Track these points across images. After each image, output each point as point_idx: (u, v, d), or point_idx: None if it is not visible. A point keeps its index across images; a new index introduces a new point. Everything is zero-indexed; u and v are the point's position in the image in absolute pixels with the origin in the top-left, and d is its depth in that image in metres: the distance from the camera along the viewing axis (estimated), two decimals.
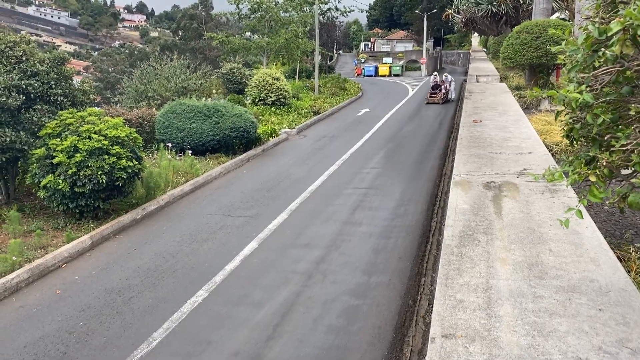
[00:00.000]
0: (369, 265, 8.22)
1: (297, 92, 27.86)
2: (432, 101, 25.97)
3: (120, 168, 9.70)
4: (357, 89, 33.71)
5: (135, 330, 6.57)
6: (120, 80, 33.59)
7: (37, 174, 9.66)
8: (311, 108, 24.18)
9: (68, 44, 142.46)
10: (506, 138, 11.20)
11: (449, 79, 27.11)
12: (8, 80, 9.69)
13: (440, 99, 25.97)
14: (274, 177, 13.62)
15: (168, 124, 15.13)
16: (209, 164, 14.51)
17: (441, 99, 25.97)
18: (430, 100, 26.06)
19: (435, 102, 25.87)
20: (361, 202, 11.26)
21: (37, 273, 8.15)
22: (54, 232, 9.61)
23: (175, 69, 23.05)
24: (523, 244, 5.62)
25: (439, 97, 26.01)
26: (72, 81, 11.51)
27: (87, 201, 9.61)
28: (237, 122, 15.48)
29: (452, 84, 27.08)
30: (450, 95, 26.71)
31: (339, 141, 18.15)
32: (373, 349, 6.02)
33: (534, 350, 3.74)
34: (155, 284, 7.83)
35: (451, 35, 77.67)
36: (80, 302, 7.33)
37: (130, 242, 9.59)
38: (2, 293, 7.53)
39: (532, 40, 19.69)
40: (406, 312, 6.86)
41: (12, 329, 6.70)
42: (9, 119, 9.78)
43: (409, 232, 9.53)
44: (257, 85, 23.36)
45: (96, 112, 10.63)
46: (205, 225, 10.19)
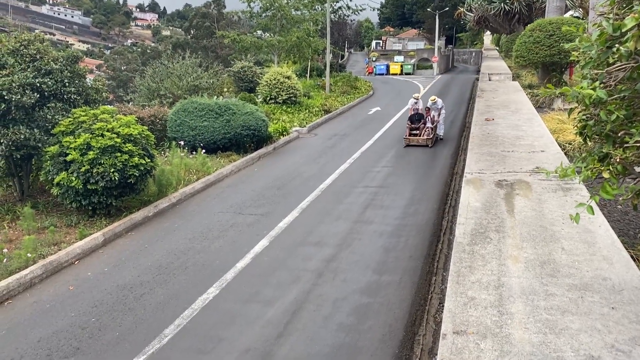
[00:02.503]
0: (379, 263, 8.21)
1: (308, 90, 27.87)
2: (414, 142, 16.48)
3: (133, 165, 9.77)
4: (368, 87, 33.65)
5: (146, 326, 6.62)
6: (132, 79, 33.85)
7: (51, 171, 9.76)
8: (322, 106, 24.17)
9: (81, 42, 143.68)
10: (518, 136, 11.13)
11: (439, 105, 17.15)
12: (23, 78, 9.80)
13: (426, 139, 16.35)
14: (284, 175, 13.64)
15: (180, 122, 15.21)
16: (220, 162, 14.57)
17: (428, 138, 16.33)
18: (411, 140, 16.51)
19: (419, 143, 16.41)
20: (372, 201, 11.24)
21: (50, 269, 8.24)
22: (67, 228, 9.71)
23: (187, 67, 23.15)
24: (535, 242, 5.58)
25: (425, 137, 16.46)
26: (85, 79, 11.61)
27: (99, 198, 9.70)
28: (248, 121, 15.52)
29: (443, 112, 17.28)
30: (440, 130, 17.20)
31: (349, 140, 18.13)
32: (384, 347, 6.01)
33: (545, 347, 3.72)
34: (166, 280, 7.88)
35: (463, 34, 77.26)
36: (93, 298, 7.40)
37: (142, 239, 9.66)
38: (16, 289, 7.62)
39: (545, 38, 19.52)
40: (417, 310, 6.84)
41: (26, 324, 6.79)
42: (23, 117, 9.89)
43: (420, 230, 9.50)
44: (268, 84, 23.40)
45: (109, 110, 10.71)
46: (216, 223, 10.24)
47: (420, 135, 16.45)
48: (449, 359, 3.67)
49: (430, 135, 16.37)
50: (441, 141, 17.13)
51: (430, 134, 16.39)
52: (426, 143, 16.16)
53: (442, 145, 16.66)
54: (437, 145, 16.62)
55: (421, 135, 16.43)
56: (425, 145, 16.10)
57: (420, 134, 16.53)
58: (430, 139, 16.29)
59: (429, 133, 16.43)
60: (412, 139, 16.38)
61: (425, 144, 16.18)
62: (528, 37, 20.27)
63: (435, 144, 16.75)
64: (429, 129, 16.56)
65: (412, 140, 16.37)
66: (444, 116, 17.24)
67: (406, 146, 16.23)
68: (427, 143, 16.15)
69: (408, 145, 16.29)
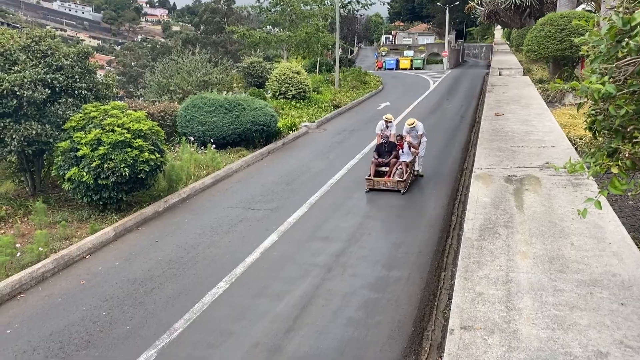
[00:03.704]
0: (389, 259, 8.22)
1: (317, 85, 27.84)
2: (380, 185, 11.48)
3: (143, 161, 9.83)
4: (378, 82, 33.56)
5: (157, 320, 6.69)
6: (142, 74, 33.98)
7: (62, 167, 9.85)
8: (331, 102, 24.15)
9: (92, 38, 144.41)
10: (528, 131, 11.07)
11: (418, 131, 12.39)
12: (34, 74, 9.88)
13: (397, 180, 11.35)
14: (294, 171, 13.67)
15: (189, 117, 15.28)
16: (230, 157, 14.62)
17: (400, 181, 11.33)
18: (377, 182, 11.51)
19: (387, 187, 11.43)
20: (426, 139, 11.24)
21: (62, 263, 8.33)
22: (79, 223, 9.80)
23: (197, 63, 23.21)
24: (544, 238, 5.56)
25: (396, 177, 11.53)
26: (96, 75, 11.69)
27: (110, 193, 9.78)
28: (257, 116, 15.55)
29: (424, 141, 12.55)
30: (418, 165, 12.44)
31: (359, 135, 18.10)
32: (392, 342, 6.03)
33: (553, 343, 3.72)
34: (176, 275, 7.94)
35: (473, 28, 76.73)
36: (104, 292, 7.48)
37: (152, 233, 9.73)
38: (28, 282, 7.72)
39: (556, 32, 19.36)
40: (426, 306, 6.85)
41: (38, 318, 6.88)
42: (35, 112, 9.98)
43: (429, 226, 9.49)
44: (278, 79, 23.41)
45: (119, 105, 10.77)
46: (226, 218, 10.29)
47: (390, 175, 11.56)
48: (456, 354, 3.68)
49: (403, 175, 11.32)
50: (453, 136, 16.98)
51: (404, 173, 11.40)
52: (397, 187, 11.20)
53: (452, 139, 16.54)
54: (448, 139, 16.48)
55: (391, 175, 11.56)
56: (397, 189, 11.21)
57: (390, 172, 11.64)
58: (404, 180, 11.19)
59: (403, 172, 11.43)
60: (377, 181, 11.41)
61: (395, 187, 11.21)
62: (539, 31, 20.11)
63: (450, 138, 16.55)
64: (403, 165, 11.50)
65: (378, 182, 11.40)
66: (424, 146, 12.50)
67: (369, 191, 11.41)
68: (398, 187, 11.19)
69: (372, 189, 11.39)
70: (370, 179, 11.57)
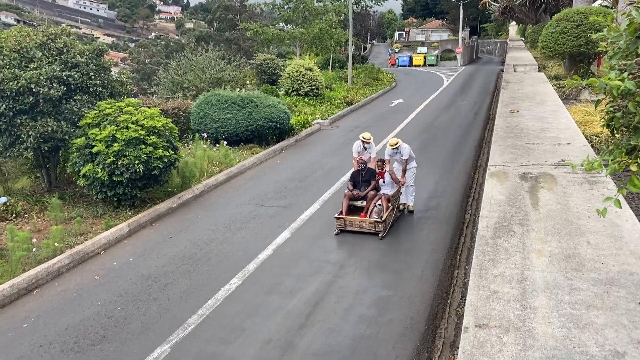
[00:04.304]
0: (402, 255, 8.18)
1: (330, 82, 27.79)
2: (355, 227, 9.03)
3: (157, 157, 9.89)
4: (391, 79, 33.42)
5: (171, 316, 6.73)
6: (156, 72, 34.17)
7: (77, 163, 9.94)
8: (344, 99, 24.10)
9: (106, 35, 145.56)
10: (544, 129, 10.96)
11: (404, 154, 9.77)
12: (50, 71, 9.98)
13: (375, 221, 8.88)
14: (306, 168, 13.67)
15: (203, 114, 15.33)
16: (243, 154, 14.66)
17: (377, 221, 8.85)
18: (349, 222, 9.05)
19: (362, 229, 8.97)
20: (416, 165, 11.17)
21: (77, 259, 8.41)
22: (93, 219, 9.89)
23: (210, 60, 23.27)
24: (560, 236, 5.51)
25: (374, 215, 9.08)
26: (111, 72, 11.78)
27: (124, 190, 9.85)
28: (270, 113, 15.57)
29: (412, 167, 10.00)
30: (407, 198, 10.00)
31: (371, 132, 18.02)
32: (405, 340, 6.01)
33: (569, 342, 3.68)
34: (190, 271, 7.99)
35: (488, 24, 76.06)
36: (118, 288, 7.54)
37: (166, 230, 9.79)
38: (45, 277, 7.81)
39: (572, 28, 19.12)
40: (439, 304, 6.81)
41: (54, 312, 6.95)
42: (50, 109, 10.07)
43: (442, 223, 9.44)
44: (291, 76, 23.40)
45: (133, 102, 10.84)
46: (238, 215, 10.32)
47: (367, 213, 9.11)
48: (471, 352, 3.65)
49: (382, 214, 8.90)
50: (467, 133, 16.88)
51: (383, 210, 8.94)
52: (374, 229, 8.80)
53: (466, 137, 16.41)
54: (462, 137, 16.34)
55: (368, 213, 9.10)
56: (374, 232, 8.82)
57: (366, 208, 9.16)
58: (383, 221, 8.75)
59: (383, 208, 8.97)
60: (350, 220, 8.98)
61: (373, 229, 8.82)
62: (555, 27, 19.88)
63: (464, 135, 16.48)
64: (383, 199, 9.08)
65: (351, 222, 8.98)
66: (414, 173, 9.93)
67: (339, 233, 9.04)
68: (375, 229, 8.80)
69: (343, 231, 9.03)
70: (341, 217, 9.01)
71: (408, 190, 9.94)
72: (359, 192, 9.45)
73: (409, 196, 9.97)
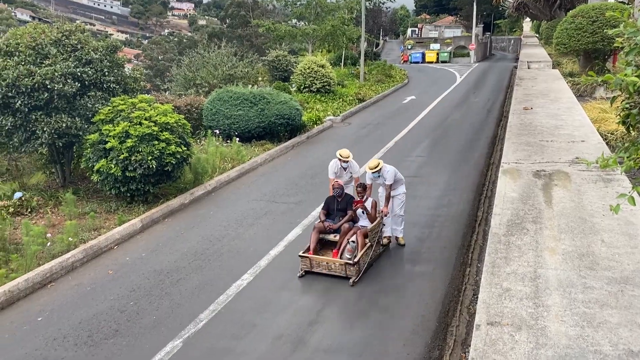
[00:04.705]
0: (412, 254, 8.17)
1: (342, 79, 27.74)
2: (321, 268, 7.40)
3: (170, 154, 9.94)
4: (403, 76, 33.28)
5: (183, 311, 6.77)
6: (169, 68, 34.35)
7: (91, 159, 10.03)
8: (356, 95, 24.05)
9: (120, 32, 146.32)
10: (558, 126, 10.85)
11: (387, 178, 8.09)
12: (64, 67, 10.06)
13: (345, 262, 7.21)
14: (318, 165, 13.66)
15: (215, 111, 15.39)
16: (255, 150, 14.70)
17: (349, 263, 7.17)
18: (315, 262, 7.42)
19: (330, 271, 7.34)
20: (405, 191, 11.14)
21: (91, 253, 8.50)
22: (107, 214, 9.98)
23: (223, 56, 23.33)
24: (574, 234, 5.46)
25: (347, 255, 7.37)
26: (124, 69, 11.84)
27: (137, 185, 9.92)
28: (282, 110, 15.58)
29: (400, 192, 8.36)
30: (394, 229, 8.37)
31: (383, 129, 18.00)
32: (416, 338, 5.99)
33: (582, 341, 3.64)
34: (202, 266, 8.03)
35: (502, 21, 75.39)
36: (131, 283, 7.61)
37: (178, 225, 9.85)
38: (59, 272, 7.90)
39: (587, 24, 18.90)
40: (450, 301, 6.79)
41: (68, 306, 7.03)
42: (65, 106, 10.16)
43: (453, 221, 9.39)
44: (303, 73, 23.39)
45: (146, 98, 10.90)
46: (250, 211, 10.35)
47: (339, 250, 7.55)
48: (483, 350, 3.64)
49: (356, 253, 7.34)
50: (480, 130, 16.78)
51: (357, 248, 7.40)
52: (345, 272, 7.22)
53: (479, 134, 16.31)
54: (474, 134, 16.24)
55: (340, 251, 7.53)
56: (345, 276, 7.23)
57: (339, 245, 7.64)
58: (356, 263, 7.16)
59: (357, 246, 7.42)
60: (317, 260, 7.42)
61: (342, 272, 7.24)
62: (570, 24, 19.67)
63: (477, 133, 16.40)
64: (359, 235, 7.53)
65: (318, 262, 7.41)
66: (402, 201, 8.34)
67: (303, 275, 7.49)
68: (347, 272, 7.21)
69: (309, 272, 7.48)
70: (306, 256, 7.42)
71: (396, 221, 8.29)
72: (331, 224, 7.89)
73: (397, 227, 8.32)
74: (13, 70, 9.61)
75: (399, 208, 8.32)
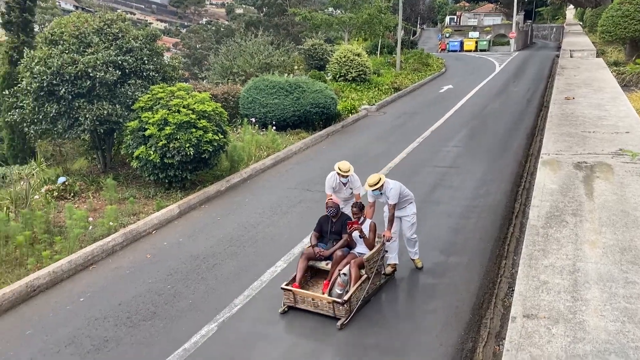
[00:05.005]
0: (447, 244, 8.09)
1: (378, 68, 27.50)
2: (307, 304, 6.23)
3: (207, 141, 10.09)
4: (441, 64, 32.77)
5: (218, 295, 6.90)
6: (206, 57, 34.75)
7: (131, 145, 10.26)
8: (392, 84, 23.83)
9: (159, 21, 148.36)
10: (601, 116, 10.52)
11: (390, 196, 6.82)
12: (106, 56, 10.31)
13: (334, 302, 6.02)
14: (353, 154, 13.63)
15: (251, 99, 15.51)
16: (290, 139, 14.77)
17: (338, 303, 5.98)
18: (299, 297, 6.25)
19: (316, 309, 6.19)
20: (441, 181, 11.04)
21: (130, 238, 8.73)
22: (145, 200, 10.21)
23: (259, 45, 23.46)
24: (615, 227, 5.30)
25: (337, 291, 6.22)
26: (163, 57, 12.05)
27: (175, 172, 10.11)
28: (317, 98, 15.58)
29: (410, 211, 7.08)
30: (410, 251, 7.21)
31: (419, 118, 17.80)
32: (449, 329, 5.95)
33: (623, 336, 3.55)
34: (237, 252, 8.15)
35: (543, 8, 73.17)
36: (168, 267, 7.79)
37: (214, 212, 10.01)
38: (100, 255, 8.15)
39: (635, 11, 18.18)
40: (485, 293, 6.71)
41: (108, 288, 7.26)
42: (106, 93, 10.41)
43: (490, 212, 9.25)
44: (338, 61, 23.30)
45: (185, 87, 11.07)
46: (285, 199, 10.43)
47: (330, 281, 6.42)
48: (518, 343, 3.59)
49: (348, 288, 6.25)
50: (519, 120, 16.41)
51: (350, 282, 6.28)
52: (333, 311, 6.10)
53: (518, 124, 15.93)
54: (513, 124, 15.89)
55: (330, 284, 6.40)
56: (333, 316, 6.10)
57: (330, 276, 6.50)
58: (346, 301, 6.02)
59: (349, 279, 6.29)
60: (301, 295, 6.28)
61: (330, 311, 6.13)
62: (616, 11, 18.96)
63: (516, 123, 16.05)
64: (353, 264, 6.37)
65: (303, 297, 6.27)
66: (412, 223, 7.12)
67: (286, 311, 6.38)
68: (334, 311, 6.09)
69: (292, 308, 6.38)
70: (288, 289, 6.29)
71: (408, 243, 7.20)
72: (322, 251, 6.73)
73: (411, 249, 7.22)
74: (58, 58, 9.89)
75: (409, 231, 7.10)
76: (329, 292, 6.32)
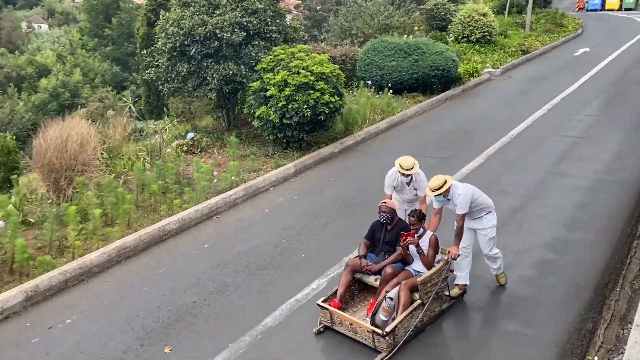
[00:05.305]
0: (571, 219, 7.61)
1: (505, 29, 25.81)
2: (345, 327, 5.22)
3: (323, 103, 10.23)
4: (577, 25, 30.01)
5: (328, 252, 7.12)
6: (326, 18, 34.85)
7: (253, 105, 10.70)
8: (520, 46, 22.31)
9: None
10: None
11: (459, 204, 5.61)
12: (232, 17, 10.72)
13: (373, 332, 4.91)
14: (471, 120, 13.12)
15: (369, 61, 15.37)
16: (406, 102, 14.51)
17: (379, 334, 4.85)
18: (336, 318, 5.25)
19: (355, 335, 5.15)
20: (569, 152, 10.30)
21: (250, 192, 9.22)
22: (265, 158, 10.68)
23: (379, 5, 23.00)
24: None
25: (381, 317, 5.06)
26: (285, 19, 12.28)
27: (293, 132, 10.42)
28: (437, 61, 15.06)
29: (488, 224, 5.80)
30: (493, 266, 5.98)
31: (548, 84, 16.58)
32: (567, 306, 5.67)
33: None
34: (348, 213, 8.31)
35: None
36: (284, 222, 8.14)
37: (328, 172, 10.23)
38: (222, 206, 8.72)
39: None
40: (611, 274, 6.27)
41: (229, 237, 7.77)
42: (232, 54, 10.88)
43: (624, 189, 8.51)
44: (462, 22, 22.25)
45: (305, 48, 11.23)
46: None
47: (373, 308, 5.32)
48: None
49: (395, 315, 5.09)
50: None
51: (396, 309, 5.12)
52: (373, 342, 5.00)
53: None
54: None
55: (373, 308, 5.30)
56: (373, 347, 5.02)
57: (377, 295, 5.41)
58: (387, 334, 4.85)
59: (396, 305, 5.13)
60: (339, 317, 5.26)
61: (370, 342, 5.04)
62: None
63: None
64: (405, 287, 5.20)
65: (340, 319, 5.25)
66: (490, 237, 5.82)
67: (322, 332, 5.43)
68: (374, 342, 4.99)
69: (329, 328, 5.40)
70: (325, 307, 5.33)
71: (489, 259, 5.97)
72: (369, 265, 5.69)
73: (493, 265, 5.99)
74: (189, 20, 10.47)
75: (487, 247, 5.82)
76: (372, 316, 5.22)
